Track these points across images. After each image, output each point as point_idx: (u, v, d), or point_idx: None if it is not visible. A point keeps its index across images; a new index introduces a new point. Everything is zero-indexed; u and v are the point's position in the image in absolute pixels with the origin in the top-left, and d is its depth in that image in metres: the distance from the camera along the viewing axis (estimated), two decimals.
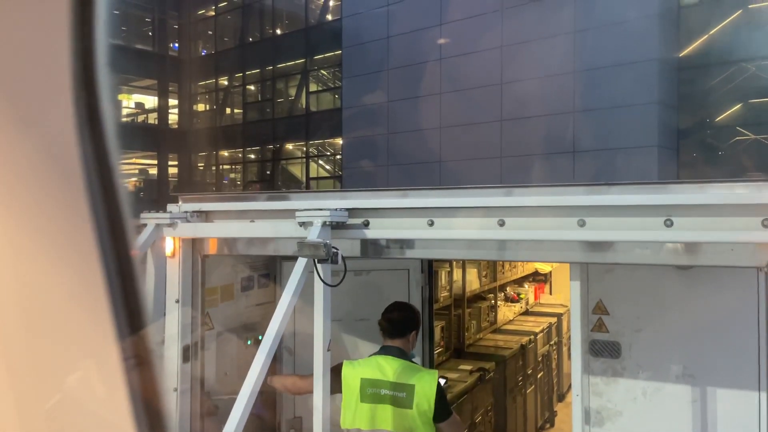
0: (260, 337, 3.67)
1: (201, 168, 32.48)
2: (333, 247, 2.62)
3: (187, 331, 3.17)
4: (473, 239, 2.65)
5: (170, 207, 3.19)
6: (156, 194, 30.43)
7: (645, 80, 16.91)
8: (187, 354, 3.14)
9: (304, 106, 27.31)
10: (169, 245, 3.11)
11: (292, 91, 28.20)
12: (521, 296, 6.71)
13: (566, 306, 6.30)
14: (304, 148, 27.70)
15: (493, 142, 19.48)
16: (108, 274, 0.79)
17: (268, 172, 29.22)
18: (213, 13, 31.77)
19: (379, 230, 2.81)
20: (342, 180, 24.54)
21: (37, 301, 0.81)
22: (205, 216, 3.16)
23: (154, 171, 31.90)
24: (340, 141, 25.10)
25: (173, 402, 3.01)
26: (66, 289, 0.81)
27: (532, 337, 5.53)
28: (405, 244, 2.81)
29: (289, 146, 28.69)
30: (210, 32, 32.06)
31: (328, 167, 27.90)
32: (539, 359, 5.75)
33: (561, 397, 6.54)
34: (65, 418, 0.82)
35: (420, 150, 21.13)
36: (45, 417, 0.81)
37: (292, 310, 2.62)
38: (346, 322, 3.62)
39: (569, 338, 2.89)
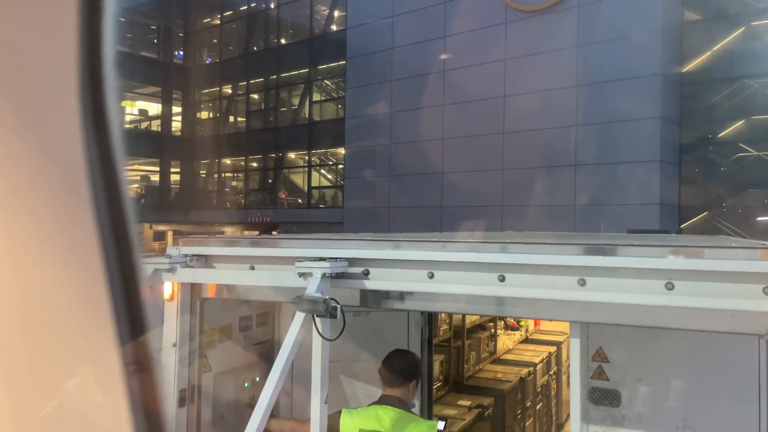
0: (258, 379, 3.65)
1: (203, 175, 32.54)
2: (332, 299, 2.61)
3: (184, 375, 3.15)
4: (473, 294, 2.63)
5: (170, 250, 3.19)
6: (157, 201, 30.48)
7: (647, 95, 16.95)
8: (183, 398, 3.13)
9: (307, 116, 27.38)
10: (168, 288, 3.10)
11: (296, 101, 28.28)
12: (521, 324, 6.67)
13: (566, 333, 6.27)
14: (307, 158, 27.74)
15: (495, 155, 19.51)
16: (110, 278, 0.78)
17: (270, 181, 29.26)
18: (218, 22, 31.92)
19: (379, 281, 2.79)
20: (344, 189, 24.57)
21: (37, 305, 0.80)
22: (204, 260, 3.16)
23: (156, 178, 31.95)
24: (342, 151, 25.16)
25: None
26: (68, 293, 0.80)
27: (531, 368, 5.50)
28: (405, 295, 2.80)
29: (292, 155, 28.75)
30: (215, 41, 32.19)
31: (330, 177, 27.92)
32: (538, 390, 5.71)
33: (560, 427, 6.49)
34: (62, 424, 0.80)
35: (422, 161, 21.17)
36: (41, 423, 0.79)
37: (291, 363, 2.61)
38: (344, 364, 3.60)
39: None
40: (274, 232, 30.55)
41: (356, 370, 3.70)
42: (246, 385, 3.49)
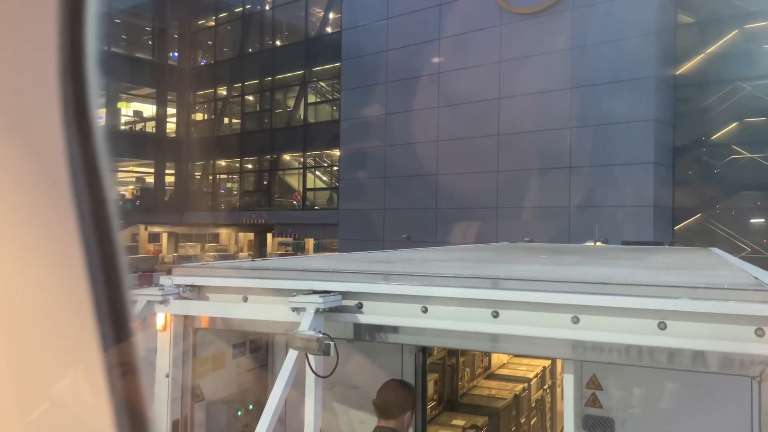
0: (251, 407, 3.64)
1: (198, 177, 32.43)
2: (326, 335, 2.60)
3: (177, 406, 3.14)
4: (467, 331, 2.63)
5: (163, 280, 3.17)
6: (152, 203, 30.37)
7: (641, 97, 17.01)
8: (176, 429, 3.11)
9: (302, 117, 27.33)
10: (161, 319, 3.09)
11: (291, 102, 28.22)
12: None
13: None
14: (302, 159, 27.70)
15: (490, 157, 19.53)
16: (93, 280, 0.77)
17: (265, 183, 29.20)
18: (213, 24, 31.79)
19: (373, 315, 2.79)
20: (339, 191, 24.55)
21: (18, 306, 0.78)
22: (197, 291, 3.15)
23: (151, 179, 31.83)
24: (337, 152, 25.13)
25: None
26: (50, 294, 0.78)
27: (526, 384, 5.50)
28: (398, 329, 2.79)
29: (287, 157, 28.70)
30: (210, 42, 32.07)
31: (325, 178, 27.89)
32: (533, 405, 5.72)
33: None
34: (46, 427, 0.79)
35: (417, 163, 21.18)
36: (24, 427, 0.78)
37: (285, 401, 2.60)
38: (338, 391, 3.60)
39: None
40: (269, 234, 30.51)
41: (350, 397, 3.69)
42: (239, 413, 3.48)
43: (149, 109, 32.22)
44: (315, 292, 2.82)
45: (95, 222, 0.79)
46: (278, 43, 28.96)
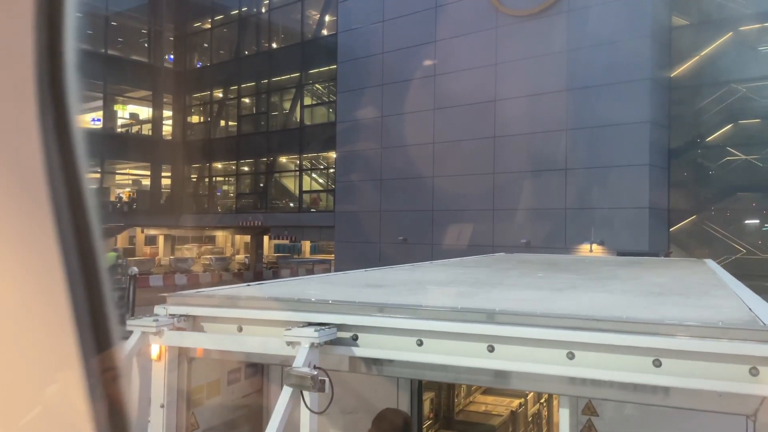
0: None
1: (194, 179, 32.35)
2: (321, 371, 2.59)
3: None
4: (462, 365, 2.63)
5: (157, 309, 3.15)
6: (148, 205, 30.27)
7: (637, 99, 17.05)
8: None
9: (298, 120, 27.28)
10: (155, 349, 3.08)
11: (287, 105, 28.16)
12: None
13: None
14: (298, 161, 27.66)
15: (486, 159, 19.55)
16: (73, 285, 0.75)
17: (262, 185, 29.15)
18: (209, 26, 31.67)
19: (368, 348, 2.78)
20: (335, 193, 24.53)
21: None
22: (192, 321, 3.13)
23: (147, 182, 31.73)
24: (333, 154, 25.11)
25: None
26: (29, 303, 0.77)
27: (522, 399, 5.51)
28: (394, 362, 2.79)
29: (283, 159, 28.65)
30: (206, 45, 31.97)
31: (321, 181, 27.86)
32: (530, 419, 5.73)
33: None
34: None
35: (413, 165, 21.18)
36: None
37: None
38: (332, 416, 3.59)
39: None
40: (266, 236, 30.45)
41: (344, 424, 3.68)
42: None
43: (145, 112, 32.12)
44: (310, 324, 2.81)
45: (74, 225, 0.77)
46: (274, 45, 28.89)
